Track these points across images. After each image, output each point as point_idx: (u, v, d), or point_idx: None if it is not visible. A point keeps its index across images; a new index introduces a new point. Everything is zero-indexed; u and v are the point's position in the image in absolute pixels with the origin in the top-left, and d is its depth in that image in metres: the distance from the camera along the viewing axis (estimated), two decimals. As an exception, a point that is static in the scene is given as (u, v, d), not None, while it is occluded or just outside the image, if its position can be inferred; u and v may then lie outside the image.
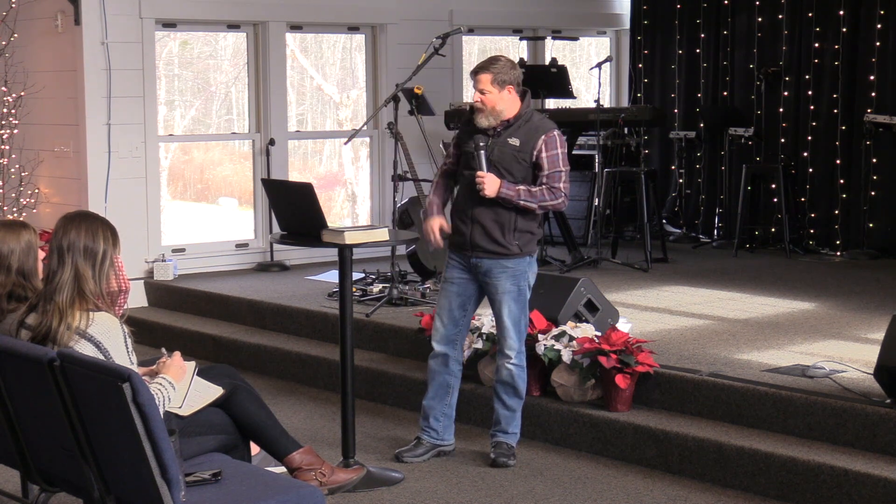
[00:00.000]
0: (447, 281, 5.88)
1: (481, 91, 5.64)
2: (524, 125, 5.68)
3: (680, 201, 11.44)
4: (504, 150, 5.67)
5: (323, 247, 5.83)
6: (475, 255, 5.74)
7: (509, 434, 5.91)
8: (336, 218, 11.13)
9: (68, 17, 9.04)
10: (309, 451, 5.27)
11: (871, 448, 5.38)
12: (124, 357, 4.16)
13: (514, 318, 5.77)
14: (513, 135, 5.67)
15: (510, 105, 5.68)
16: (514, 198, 5.62)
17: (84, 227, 4.22)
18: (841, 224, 10.17)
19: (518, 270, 5.73)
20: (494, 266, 5.72)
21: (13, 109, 9.39)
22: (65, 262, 4.18)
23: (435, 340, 5.95)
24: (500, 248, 5.69)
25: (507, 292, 5.73)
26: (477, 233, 5.71)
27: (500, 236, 5.68)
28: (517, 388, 5.86)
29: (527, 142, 5.65)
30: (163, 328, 8.63)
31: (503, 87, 5.63)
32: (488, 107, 5.66)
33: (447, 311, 5.88)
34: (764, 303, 8.03)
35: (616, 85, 12.27)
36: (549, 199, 5.65)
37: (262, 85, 9.90)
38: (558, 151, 5.66)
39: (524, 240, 5.72)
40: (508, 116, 5.68)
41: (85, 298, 4.16)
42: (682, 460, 5.74)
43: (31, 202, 9.35)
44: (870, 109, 9.88)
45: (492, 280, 5.75)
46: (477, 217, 5.70)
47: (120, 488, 3.99)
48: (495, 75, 5.62)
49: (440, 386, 5.98)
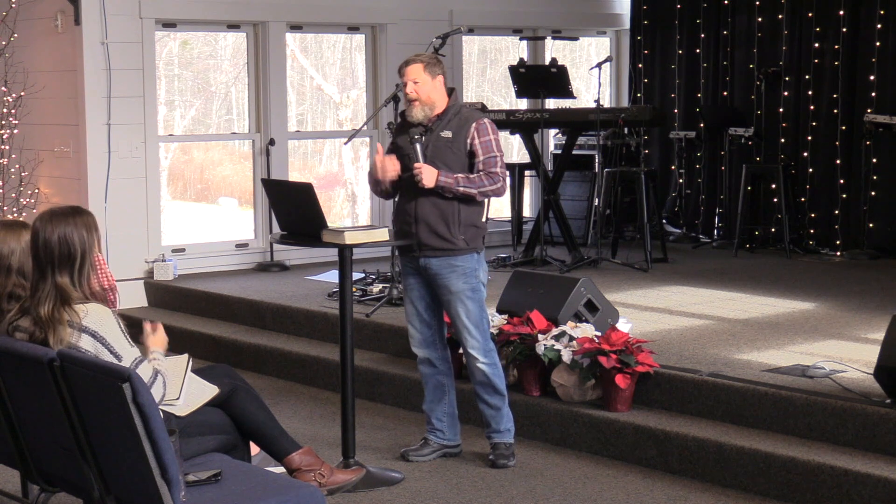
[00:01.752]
0: (406, 287, 5.91)
1: (414, 81, 5.69)
2: (454, 118, 5.74)
3: (680, 201, 11.44)
4: (438, 143, 5.71)
5: (323, 247, 5.83)
6: (423, 254, 5.74)
7: (502, 432, 5.90)
8: (336, 218, 11.14)
9: (68, 17, 9.04)
10: (308, 451, 5.27)
11: (871, 448, 5.38)
12: (123, 343, 4.16)
13: (472, 317, 5.76)
14: (444, 128, 5.72)
15: (441, 96, 5.74)
16: (452, 185, 5.63)
17: (58, 233, 4.20)
18: (841, 224, 10.16)
19: (467, 268, 5.73)
20: (443, 266, 5.72)
21: (13, 109, 9.39)
22: (45, 276, 4.19)
23: (414, 346, 5.97)
24: (446, 243, 5.69)
25: (459, 291, 5.73)
26: (423, 231, 5.71)
27: (446, 231, 5.68)
28: (495, 386, 5.84)
29: (458, 132, 5.70)
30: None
31: (434, 76, 5.71)
32: (422, 96, 5.70)
33: (415, 315, 5.90)
34: (764, 303, 8.03)
35: (616, 85, 12.26)
36: (488, 184, 5.66)
37: (262, 85, 9.90)
38: (490, 137, 5.70)
39: (469, 234, 5.73)
40: (439, 111, 5.73)
41: (69, 304, 4.16)
42: (682, 460, 5.74)
43: (31, 202, 9.35)
44: (870, 109, 9.88)
45: (442, 281, 5.75)
46: (421, 215, 5.71)
47: (120, 488, 3.99)
48: (425, 65, 5.70)
49: (434, 387, 5.98)
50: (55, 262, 4.18)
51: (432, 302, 5.88)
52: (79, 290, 4.19)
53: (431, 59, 5.75)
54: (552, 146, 11.53)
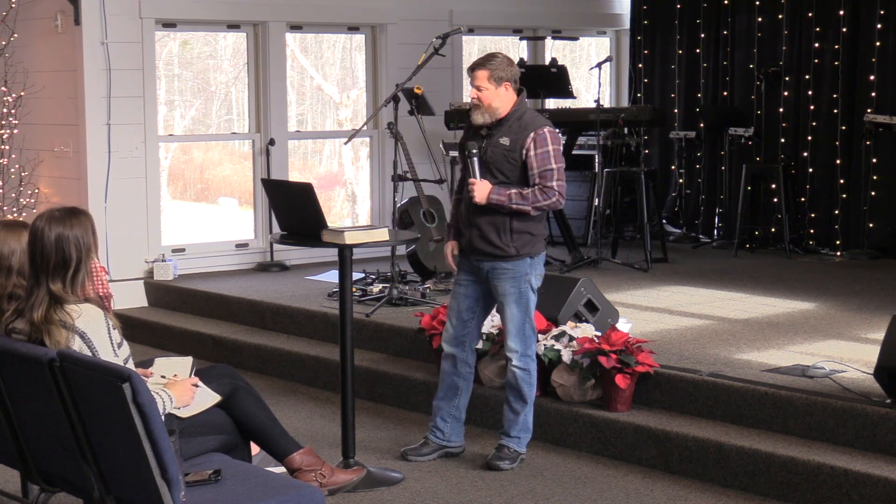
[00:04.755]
0: (456, 283, 5.93)
1: (478, 87, 5.64)
2: (515, 123, 5.66)
3: (680, 201, 11.44)
4: (496, 150, 5.66)
5: (323, 247, 5.83)
6: (476, 258, 5.76)
7: (511, 438, 5.89)
8: (336, 218, 11.13)
9: (68, 17, 9.04)
10: (309, 451, 5.27)
11: (871, 448, 5.38)
12: (109, 351, 4.14)
13: (515, 321, 5.76)
14: (504, 134, 5.65)
15: (506, 102, 5.66)
16: (504, 202, 5.60)
17: (55, 237, 4.18)
18: (841, 224, 10.16)
19: (517, 272, 5.72)
20: (494, 268, 5.73)
21: (13, 109, 9.39)
22: (39, 282, 4.18)
23: (444, 341, 5.97)
24: (496, 249, 5.68)
25: (507, 294, 5.73)
26: (475, 236, 5.72)
27: (497, 238, 5.67)
28: (521, 392, 5.83)
29: (516, 140, 5.63)
30: (163, 328, 8.63)
31: (500, 83, 5.62)
32: (484, 104, 5.65)
33: (455, 311, 5.91)
34: (764, 303, 8.03)
35: (616, 85, 12.27)
36: (541, 199, 5.60)
37: (262, 85, 9.90)
38: (549, 149, 5.60)
39: (521, 241, 5.70)
40: (503, 114, 5.67)
41: (62, 307, 4.15)
42: (682, 460, 5.74)
43: (31, 202, 9.34)
44: (870, 109, 9.88)
45: (493, 282, 5.76)
46: (475, 221, 5.71)
47: (120, 488, 3.99)
48: (492, 72, 5.61)
49: (449, 387, 5.98)
50: (50, 268, 4.16)
51: (475, 304, 5.88)
52: (73, 295, 4.18)
53: (500, 65, 5.61)
54: (552, 146, 11.50)
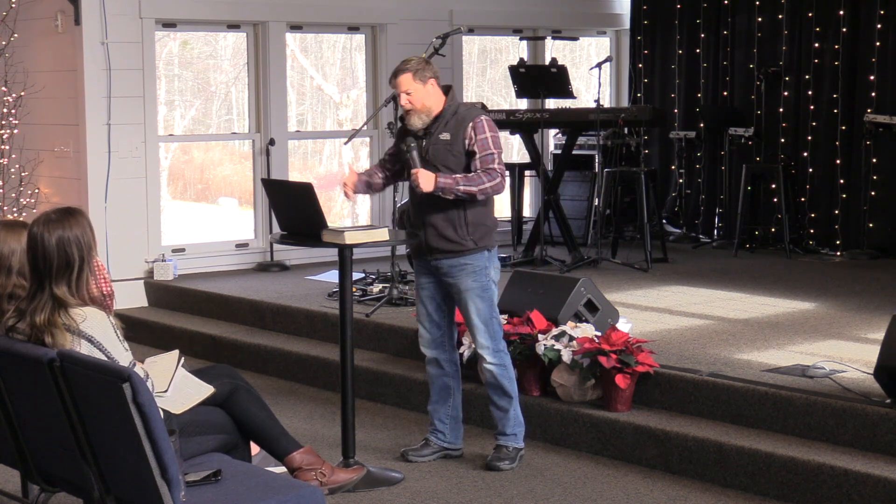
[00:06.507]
0: (418, 287, 5.92)
1: (406, 92, 5.67)
2: (451, 118, 5.71)
3: (680, 201, 11.43)
4: (437, 146, 5.70)
5: (323, 247, 5.83)
6: (433, 257, 5.75)
7: (508, 436, 5.89)
8: (336, 218, 11.13)
9: (68, 17, 9.04)
10: (309, 451, 5.27)
11: (871, 448, 5.38)
12: (119, 349, 4.15)
13: (482, 316, 5.75)
14: (442, 130, 5.70)
15: (437, 99, 5.71)
16: (452, 185, 5.60)
17: (55, 240, 4.17)
18: (841, 224, 10.16)
19: (477, 266, 5.72)
20: (453, 265, 5.72)
21: (13, 109, 9.39)
22: (43, 287, 4.17)
23: (423, 346, 5.97)
24: (454, 245, 5.69)
25: (469, 290, 5.72)
26: (431, 235, 5.72)
27: (454, 233, 5.68)
28: (503, 387, 5.83)
29: (456, 133, 5.67)
30: (163, 328, 8.63)
31: (425, 81, 5.67)
32: (416, 106, 5.69)
33: (425, 316, 5.90)
34: (764, 303, 8.02)
35: (616, 85, 12.26)
36: (486, 181, 5.62)
37: (262, 85, 9.90)
38: (487, 135, 5.66)
39: (479, 233, 5.71)
40: (436, 112, 5.71)
41: (66, 310, 4.15)
42: (682, 460, 5.74)
43: (31, 202, 9.35)
44: (870, 109, 9.88)
45: (453, 280, 5.75)
46: (427, 220, 5.71)
47: (120, 488, 3.99)
48: (414, 73, 5.66)
49: (440, 389, 5.98)
50: (53, 272, 4.15)
51: (443, 303, 5.88)
52: (76, 297, 4.18)
53: (419, 65, 5.69)
54: (552, 146, 11.53)
